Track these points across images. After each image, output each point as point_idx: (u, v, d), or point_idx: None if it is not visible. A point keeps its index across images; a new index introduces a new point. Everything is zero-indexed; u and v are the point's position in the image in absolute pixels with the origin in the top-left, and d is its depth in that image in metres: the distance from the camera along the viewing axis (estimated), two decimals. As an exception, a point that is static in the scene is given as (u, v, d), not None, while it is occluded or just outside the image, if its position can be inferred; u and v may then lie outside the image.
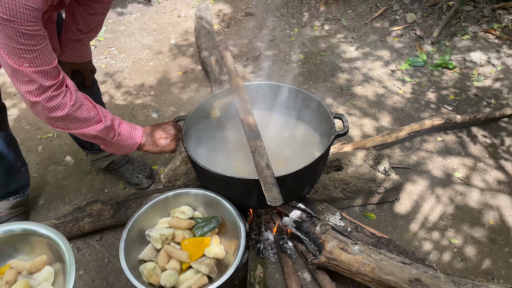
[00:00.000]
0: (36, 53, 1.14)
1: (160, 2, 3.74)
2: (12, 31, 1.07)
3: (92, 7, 1.56)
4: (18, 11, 1.04)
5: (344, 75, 2.77)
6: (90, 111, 1.31)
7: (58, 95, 1.22)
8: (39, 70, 1.16)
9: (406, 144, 2.26)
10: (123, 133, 1.42)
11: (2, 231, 1.20)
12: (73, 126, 1.31)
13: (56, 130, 2.47)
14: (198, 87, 2.77)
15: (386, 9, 3.24)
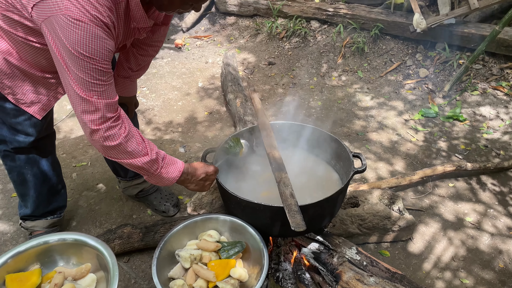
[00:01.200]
0: (105, 87, 1.33)
1: (189, 49, 4.04)
2: (90, 67, 1.26)
3: (144, 49, 1.79)
4: (98, 51, 1.24)
5: (360, 122, 2.95)
6: (139, 144, 1.46)
7: (115, 126, 1.39)
8: (105, 102, 1.34)
9: (419, 188, 2.38)
10: (165, 167, 1.56)
11: (56, 238, 1.34)
12: (123, 156, 1.46)
13: (90, 159, 2.65)
14: (222, 126, 2.96)
15: (399, 64, 3.47)
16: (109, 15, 1.25)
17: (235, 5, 4.22)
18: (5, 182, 2.48)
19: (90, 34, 1.22)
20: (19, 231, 2.15)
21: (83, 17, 1.19)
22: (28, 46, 1.45)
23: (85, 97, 1.32)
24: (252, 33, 4.10)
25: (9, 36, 1.43)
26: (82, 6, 1.19)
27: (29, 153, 1.78)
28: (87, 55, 1.24)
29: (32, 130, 1.70)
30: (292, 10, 3.94)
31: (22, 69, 1.53)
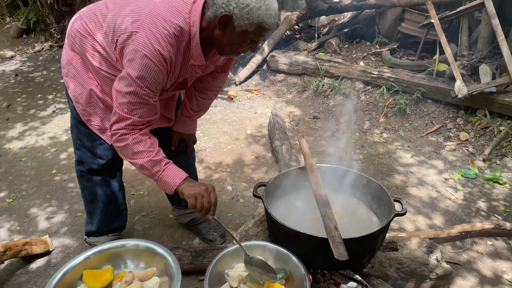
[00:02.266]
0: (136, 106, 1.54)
1: (240, 101, 4.39)
2: (132, 89, 1.50)
3: (205, 93, 2.06)
4: (150, 79, 1.49)
5: (400, 177, 3.08)
6: (145, 147, 1.59)
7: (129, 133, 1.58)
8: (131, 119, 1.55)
9: (457, 243, 2.43)
10: (167, 171, 1.62)
11: (132, 244, 1.55)
12: (129, 156, 1.61)
13: (146, 189, 2.91)
14: (267, 170, 3.17)
15: (440, 126, 3.62)
16: (169, 50, 1.49)
17: (285, 64, 4.59)
18: (72, 203, 2.76)
19: (147, 67, 1.47)
20: (81, 246, 2.37)
21: (145, 50, 1.45)
22: (109, 80, 1.72)
23: (117, 106, 1.55)
24: (299, 90, 4.42)
25: (95, 70, 1.73)
26: (149, 40, 1.45)
27: (101, 174, 2.04)
28: (135, 80, 1.48)
29: (105, 154, 1.95)
30: (338, 71, 4.24)
31: (102, 100, 1.81)
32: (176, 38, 1.50)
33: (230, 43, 1.54)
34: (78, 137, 1.94)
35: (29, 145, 3.50)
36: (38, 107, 4.23)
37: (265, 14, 1.44)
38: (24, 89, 4.71)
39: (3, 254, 2.08)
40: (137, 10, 1.53)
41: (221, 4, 1.44)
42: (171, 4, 1.51)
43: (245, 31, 1.48)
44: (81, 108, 1.81)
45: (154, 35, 1.45)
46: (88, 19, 1.67)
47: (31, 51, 5.89)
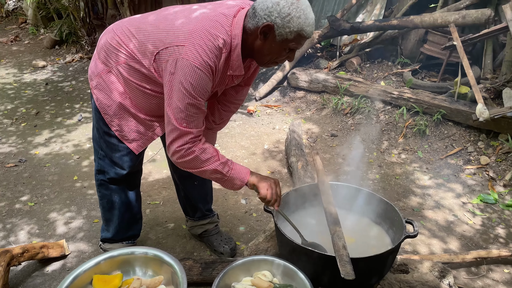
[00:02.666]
0: (193, 119, 1.64)
1: (259, 116, 4.44)
2: (188, 101, 1.58)
3: (227, 106, 2.11)
4: (198, 89, 1.58)
5: (416, 199, 3.03)
6: (212, 153, 1.71)
7: (192, 146, 1.67)
8: (189, 131, 1.64)
9: (473, 269, 2.37)
10: (235, 168, 1.78)
11: (141, 251, 1.59)
12: (198, 166, 1.71)
13: (162, 199, 2.97)
14: (282, 185, 3.19)
15: (460, 149, 3.56)
16: (215, 61, 1.59)
17: (306, 82, 4.63)
18: (90, 209, 2.84)
19: (198, 75, 1.56)
20: (96, 252, 2.44)
21: (195, 61, 1.54)
22: (140, 92, 1.81)
23: (176, 124, 1.63)
24: (319, 107, 4.44)
25: (127, 82, 1.81)
26: (197, 52, 1.54)
27: (120, 184, 2.10)
28: (190, 91, 1.57)
29: (127, 164, 2.02)
30: (358, 90, 4.25)
31: (132, 112, 1.89)
32: (220, 50, 1.59)
33: (270, 52, 1.63)
34: (101, 147, 2.00)
35: (53, 152, 3.63)
36: (65, 116, 4.40)
37: (304, 22, 1.54)
38: (53, 97, 4.91)
39: (21, 255, 2.16)
40: (180, 25, 1.61)
41: (263, 15, 1.54)
42: (213, 19, 1.60)
43: (285, 39, 1.57)
44: (110, 119, 1.88)
45: (202, 48, 1.54)
46: (121, 32, 1.76)
47: (62, 62, 6.14)
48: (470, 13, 3.82)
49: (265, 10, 1.53)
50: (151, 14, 1.80)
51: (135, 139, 1.96)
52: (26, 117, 4.36)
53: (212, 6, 1.72)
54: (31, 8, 7.13)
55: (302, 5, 1.54)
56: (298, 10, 1.52)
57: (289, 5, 1.52)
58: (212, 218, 2.46)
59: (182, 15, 1.68)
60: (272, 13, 1.52)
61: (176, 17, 1.68)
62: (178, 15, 1.68)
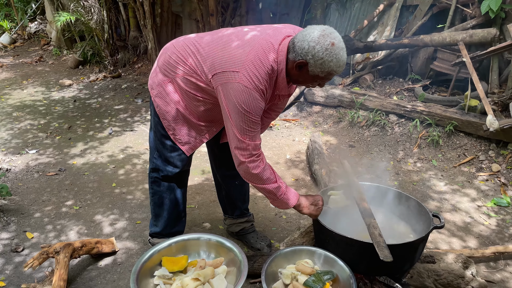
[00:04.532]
0: (254, 133, 1.90)
1: (279, 129, 4.69)
2: (248, 118, 1.84)
3: (269, 113, 2.35)
4: (254, 108, 1.83)
5: (434, 203, 3.24)
6: (271, 174, 1.98)
7: (257, 160, 1.93)
8: (253, 144, 1.90)
9: (491, 264, 2.56)
10: (287, 193, 2.04)
11: (206, 237, 1.82)
12: (259, 182, 1.97)
13: (197, 203, 3.18)
14: (307, 191, 3.40)
15: (473, 158, 3.78)
16: (266, 85, 1.85)
17: (322, 97, 4.89)
18: (131, 212, 3.06)
19: (252, 97, 1.81)
20: (142, 249, 2.64)
21: (250, 85, 1.79)
22: (194, 99, 2.06)
23: (240, 138, 1.89)
24: (335, 120, 4.69)
25: (182, 91, 2.07)
26: (251, 78, 1.79)
27: (172, 181, 2.33)
28: (247, 110, 1.82)
29: (180, 163, 2.26)
30: (372, 104, 4.51)
31: (185, 117, 2.14)
32: (269, 75, 1.84)
33: (304, 80, 1.89)
34: (157, 148, 2.25)
35: (90, 162, 3.87)
36: (96, 130, 4.66)
37: (335, 65, 1.76)
38: (82, 113, 5.18)
39: (80, 249, 2.37)
40: (235, 48, 1.85)
41: (300, 53, 1.77)
42: (263, 47, 1.84)
43: (316, 75, 1.82)
44: (167, 124, 2.14)
45: (255, 74, 1.79)
46: (182, 49, 2.02)
47: (86, 81, 6.45)
48: (476, 33, 4.11)
49: (302, 49, 1.76)
50: (206, 35, 2.06)
51: (187, 142, 2.20)
52: (59, 131, 4.62)
53: (261, 28, 1.98)
54: (54, 31, 7.49)
55: (336, 50, 1.72)
56: (331, 55, 1.73)
57: (323, 50, 1.72)
58: (249, 217, 2.68)
59: (235, 37, 1.93)
60: (308, 55, 1.75)
61: (231, 39, 1.93)
62: (232, 37, 1.93)
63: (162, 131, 2.19)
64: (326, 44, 1.72)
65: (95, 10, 5.72)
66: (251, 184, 2.01)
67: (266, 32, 1.93)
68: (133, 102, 5.53)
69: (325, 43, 1.72)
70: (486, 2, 4.16)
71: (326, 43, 1.72)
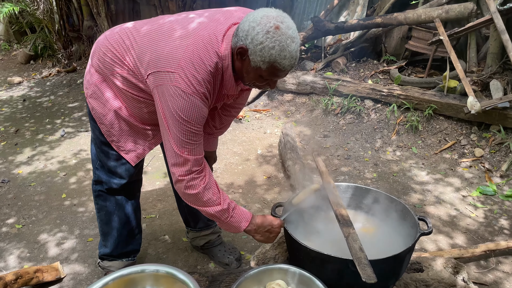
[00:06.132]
0: (195, 146, 1.57)
1: (249, 121, 4.37)
2: (187, 129, 1.52)
3: (228, 111, 2.04)
4: (195, 117, 1.51)
5: (417, 195, 3.01)
6: (214, 195, 1.65)
7: (197, 178, 1.61)
8: (193, 158, 1.57)
9: (482, 262, 2.34)
10: (235, 216, 1.72)
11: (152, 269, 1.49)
12: (199, 204, 1.66)
13: (158, 212, 2.84)
14: (280, 190, 3.11)
15: (454, 143, 3.56)
16: (208, 87, 1.51)
17: (293, 84, 4.58)
18: (82, 228, 2.70)
19: (191, 104, 1.48)
20: (93, 272, 2.30)
21: (188, 90, 1.46)
22: (136, 101, 1.73)
23: (178, 152, 1.56)
24: (308, 109, 4.40)
25: (122, 93, 1.73)
26: (189, 80, 1.46)
27: (118, 194, 2.00)
28: (186, 119, 1.50)
29: (125, 174, 1.93)
30: (347, 89, 4.23)
31: (128, 121, 1.80)
32: (213, 75, 1.51)
33: (247, 75, 1.54)
34: (98, 157, 1.92)
35: (38, 170, 3.46)
36: (47, 132, 4.22)
37: (278, 54, 1.41)
38: (32, 114, 4.71)
39: (14, 282, 2.01)
40: (172, 45, 1.52)
41: (241, 36, 1.45)
42: (205, 39, 1.51)
43: (259, 68, 1.47)
44: (105, 129, 1.80)
45: (194, 76, 1.46)
46: (116, 43, 1.68)
47: (38, 77, 5.93)
48: (453, 8, 3.86)
49: (243, 31, 1.44)
50: (145, 24, 1.71)
51: (131, 149, 1.88)
52: (5, 135, 4.16)
53: (209, 14, 1.64)
54: (2, 23, 6.88)
55: (280, 36, 1.39)
56: (273, 40, 1.39)
57: (264, 32, 1.39)
58: (214, 228, 2.37)
59: (177, 25, 1.59)
60: (247, 37, 1.42)
61: (171, 28, 1.59)
62: (173, 26, 1.59)
63: (101, 138, 1.85)
64: (268, 26, 1.39)
65: (41, -1, 5.20)
66: (191, 205, 1.70)
67: (214, 18, 1.59)
68: (89, 99, 5.09)
69: (267, 24, 1.39)
70: (461, -25, 3.90)
71: (269, 25, 1.39)
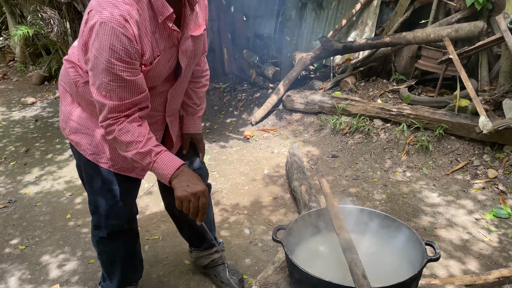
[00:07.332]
0: (113, 87, 1.42)
1: (256, 141, 4.34)
2: (103, 66, 1.38)
3: (198, 82, 1.99)
4: (113, 48, 1.36)
5: (427, 218, 2.90)
6: (134, 138, 1.49)
7: (114, 123, 1.48)
8: (111, 103, 1.45)
9: (496, 290, 2.23)
10: (159, 162, 1.52)
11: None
12: (122, 148, 1.53)
13: (161, 233, 2.80)
14: (286, 212, 3.05)
15: (466, 163, 3.46)
16: (128, 9, 1.36)
17: (301, 103, 4.55)
18: (85, 249, 2.67)
19: (103, 32, 1.34)
20: (92, 296, 2.26)
21: (100, 17, 1.34)
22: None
23: (97, 96, 1.45)
24: (317, 128, 4.35)
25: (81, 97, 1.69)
26: (100, 10, 1.35)
27: (121, 236, 1.92)
28: (102, 53, 1.36)
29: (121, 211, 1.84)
30: (355, 109, 4.18)
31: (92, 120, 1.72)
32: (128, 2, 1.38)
33: None
34: (89, 192, 1.84)
35: (45, 190, 3.47)
36: (56, 152, 4.25)
37: None
38: (43, 134, 4.77)
39: (11, 305, 1.98)
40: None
41: None
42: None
43: None
44: (90, 152, 1.74)
45: (104, 7, 1.36)
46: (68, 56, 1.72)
47: (51, 97, 6.04)
48: (462, 27, 3.81)
49: None
50: None
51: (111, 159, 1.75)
52: (15, 155, 4.20)
53: None
54: (18, 46, 7.06)
55: None
56: None
57: None
58: (218, 246, 2.30)
59: None
60: None
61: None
62: None
63: (81, 159, 1.78)
64: None
65: (55, 21, 5.31)
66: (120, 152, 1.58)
67: None
68: (100, 119, 5.14)
69: None
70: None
71: None
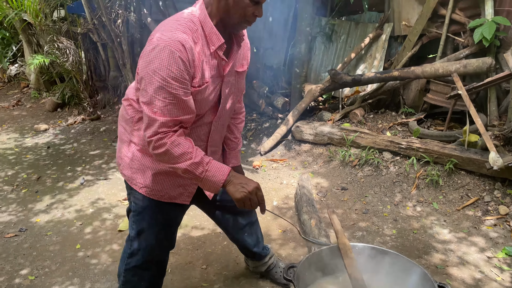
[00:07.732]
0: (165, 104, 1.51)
1: (265, 171, 4.35)
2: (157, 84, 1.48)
3: (238, 118, 2.09)
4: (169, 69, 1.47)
5: (439, 255, 2.87)
6: (184, 149, 1.56)
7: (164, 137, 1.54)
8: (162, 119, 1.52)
9: (512, 334, 2.17)
10: (211, 170, 1.61)
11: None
12: (172, 161, 1.58)
13: (170, 266, 2.79)
14: (296, 246, 3.03)
15: (477, 199, 3.44)
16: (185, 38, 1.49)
17: (310, 134, 4.59)
18: (94, 281, 2.66)
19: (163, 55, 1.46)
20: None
21: (160, 42, 1.48)
22: None
23: (147, 111, 1.52)
24: (326, 160, 4.36)
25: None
26: (162, 34, 1.50)
27: (150, 268, 1.97)
28: (157, 72, 1.46)
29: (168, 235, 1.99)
30: (364, 141, 4.20)
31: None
32: (191, 29, 1.53)
33: (234, 8, 1.53)
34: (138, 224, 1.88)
35: (55, 219, 3.49)
36: (67, 179, 4.30)
37: None
38: (55, 161, 4.83)
39: None
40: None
41: None
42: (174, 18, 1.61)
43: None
44: (141, 186, 1.81)
45: (168, 30, 1.51)
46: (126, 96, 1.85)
47: (64, 124, 6.14)
48: (471, 63, 3.86)
49: None
50: None
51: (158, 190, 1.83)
52: (27, 182, 4.25)
53: None
54: (33, 73, 7.25)
55: None
56: None
57: None
58: (269, 253, 2.53)
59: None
60: None
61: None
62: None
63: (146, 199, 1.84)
64: None
65: (70, 51, 5.47)
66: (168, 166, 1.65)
67: None
68: (110, 146, 5.19)
69: None
70: (479, 30, 3.93)
71: None
